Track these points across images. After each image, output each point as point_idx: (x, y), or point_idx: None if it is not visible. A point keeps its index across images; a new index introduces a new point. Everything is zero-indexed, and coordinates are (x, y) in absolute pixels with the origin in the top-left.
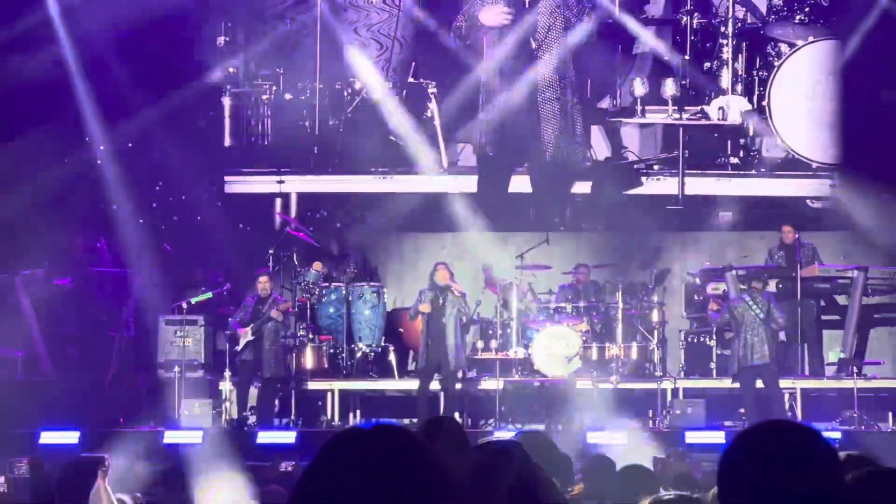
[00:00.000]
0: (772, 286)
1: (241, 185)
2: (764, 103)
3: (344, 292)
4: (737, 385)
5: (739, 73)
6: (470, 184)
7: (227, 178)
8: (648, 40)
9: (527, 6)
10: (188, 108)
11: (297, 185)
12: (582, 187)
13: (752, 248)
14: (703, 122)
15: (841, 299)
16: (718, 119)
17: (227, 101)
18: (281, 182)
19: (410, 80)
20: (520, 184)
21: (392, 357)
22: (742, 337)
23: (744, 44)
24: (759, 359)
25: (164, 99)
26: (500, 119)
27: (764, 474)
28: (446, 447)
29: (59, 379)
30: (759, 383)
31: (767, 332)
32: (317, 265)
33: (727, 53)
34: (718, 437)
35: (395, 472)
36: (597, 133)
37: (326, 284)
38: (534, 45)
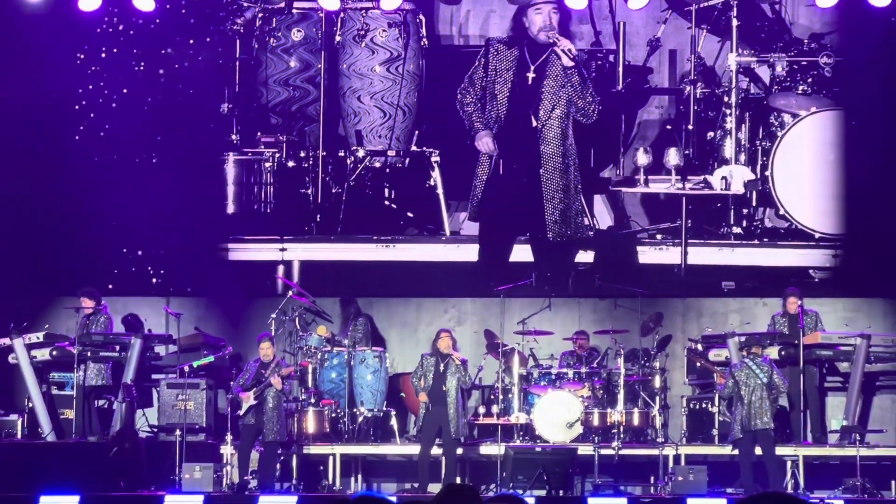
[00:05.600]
0: (774, 353)
1: (244, 252)
2: (767, 173)
3: (346, 357)
4: (736, 451)
5: (743, 142)
6: (472, 252)
7: (229, 246)
8: None
9: (529, 83)
10: (191, 173)
11: (299, 252)
12: (585, 256)
13: (754, 315)
14: (706, 191)
15: (843, 366)
16: (721, 189)
17: (230, 168)
18: (283, 250)
19: (413, 148)
20: (522, 252)
21: (394, 421)
22: (745, 401)
23: (747, 114)
24: (763, 424)
25: (167, 162)
26: (500, 193)
27: None
28: None
29: (60, 442)
30: (758, 450)
31: (769, 397)
32: (321, 329)
33: (731, 123)
34: None
35: None
36: (600, 202)
37: (328, 349)
38: (536, 124)
